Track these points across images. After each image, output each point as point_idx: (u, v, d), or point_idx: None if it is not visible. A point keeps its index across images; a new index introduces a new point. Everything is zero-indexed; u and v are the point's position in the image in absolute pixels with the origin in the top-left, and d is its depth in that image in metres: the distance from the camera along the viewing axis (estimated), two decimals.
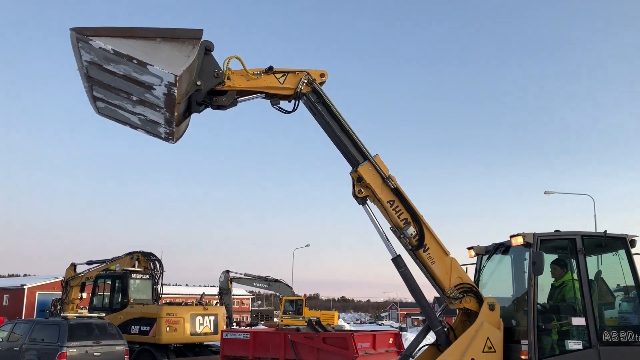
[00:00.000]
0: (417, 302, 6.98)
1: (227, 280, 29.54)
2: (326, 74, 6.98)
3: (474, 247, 8.29)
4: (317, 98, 6.89)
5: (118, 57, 5.34)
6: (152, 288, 18.88)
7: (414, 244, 6.90)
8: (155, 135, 6.83)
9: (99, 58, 5.46)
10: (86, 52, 5.44)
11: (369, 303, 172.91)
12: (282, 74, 6.79)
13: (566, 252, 7.40)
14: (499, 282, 8.08)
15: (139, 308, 17.11)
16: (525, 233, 7.03)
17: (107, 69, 5.61)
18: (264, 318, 49.92)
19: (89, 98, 6.38)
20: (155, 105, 6.07)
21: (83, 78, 5.96)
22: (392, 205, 6.93)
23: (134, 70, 5.51)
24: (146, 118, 6.46)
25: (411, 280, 6.91)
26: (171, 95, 5.69)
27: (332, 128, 6.95)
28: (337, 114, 6.91)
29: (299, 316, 32.36)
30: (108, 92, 6.15)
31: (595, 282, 7.23)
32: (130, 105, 6.27)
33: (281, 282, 31.55)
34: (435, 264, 6.91)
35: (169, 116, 6.19)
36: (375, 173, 6.93)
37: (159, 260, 19.68)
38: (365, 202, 7.09)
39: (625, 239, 7.33)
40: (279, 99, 6.91)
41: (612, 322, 7.22)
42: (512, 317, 7.55)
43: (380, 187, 6.92)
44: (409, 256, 7.06)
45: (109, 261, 19.91)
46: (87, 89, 6.17)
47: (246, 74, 6.62)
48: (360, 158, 6.97)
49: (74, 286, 20.91)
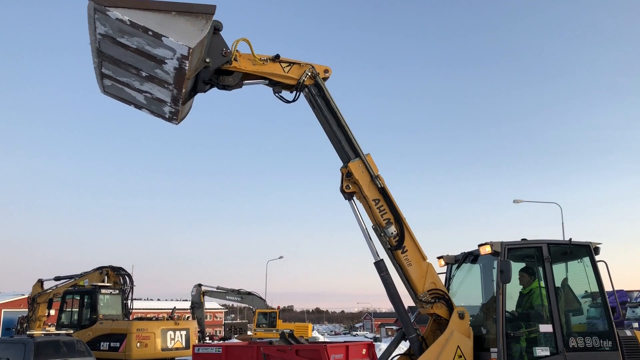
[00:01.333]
0: (395, 307, 7.02)
1: (199, 294, 29.30)
2: (330, 70, 7.14)
3: (444, 256, 8.38)
4: (318, 92, 7.03)
5: (133, 29, 5.43)
6: (122, 303, 18.60)
7: (393, 244, 6.96)
8: (159, 116, 6.92)
9: (113, 30, 5.55)
10: (101, 24, 5.52)
11: (344, 314, 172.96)
12: (287, 64, 6.93)
13: (533, 260, 7.53)
14: (468, 290, 8.18)
15: (108, 324, 16.83)
16: (493, 242, 7.13)
17: (120, 42, 5.70)
18: (237, 331, 49.41)
19: (96, 75, 6.44)
20: (164, 82, 6.17)
21: (94, 53, 6.02)
22: (377, 203, 7.00)
23: (147, 43, 5.61)
24: (152, 96, 6.55)
25: (391, 285, 6.94)
26: (182, 69, 5.80)
27: (329, 122, 7.07)
28: (336, 110, 7.04)
29: (273, 329, 32.19)
30: (117, 69, 6.23)
31: (561, 289, 7.37)
32: (138, 82, 6.36)
33: (254, 295, 31.41)
34: (411, 266, 6.97)
35: (177, 93, 6.28)
36: (365, 171, 7.03)
37: (128, 274, 19.43)
38: (351, 197, 7.17)
39: (589, 246, 7.50)
40: (282, 88, 7.05)
41: (578, 328, 7.36)
42: (481, 325, 7.64)
43: (367, 184, 7.01)
44: (389, 261, 7.10)
45: (78, 276, 19.57)
46: (96, 64, 6.23)
47: (253, 58, 6.73)
48: (352, 154, 7.08)
49: (41, 303, 20.47)
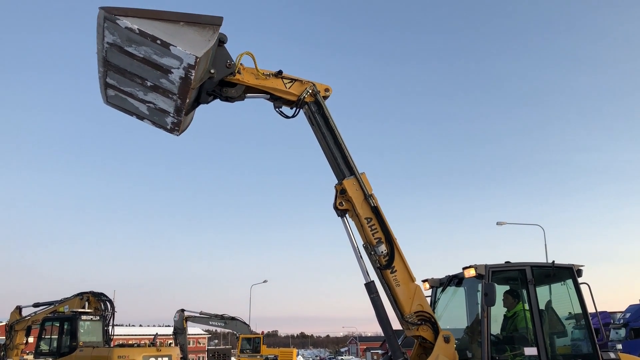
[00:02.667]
0: (383, 330, 6.98)
1: (182, 320, 28.90)
2: (330, 90, 7.30)
3: (429, 279, 8.39)
4: (317, 109, 7.14)
5: (142, 38, 5.56)
6: (103, 330, 18.29)
7: (383, 263, 6.96)
8: (161, 127, 6.99)
9: (121, 39, 5.66)
10: (110, 33, 5.62)
11: (329, 338, 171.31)
12: (289, 80, 7.07)
13: (517, 283, 7.57)
14: (453, 313, 8.17)
15: (88, 351, 16.51)
16: (477, 265, 7.17)
17: (127, 51, 5.80)
18: (221, 357, 48.62)
19: (100, 85, 6.52)
20: (169, 92, 6.26)
21: (100, 62, 6.11)
22: (369, 222, 7.03)
23: (154, 52, 5.72)
24: (155, 107, 6.63)
25: (381, 307, 6.91)
26: (187, 79, 5.90)
27: (326, 140, 7.16)
28: (334, 128, 7.14)
29: (257, 354, 31.81)
30: (122, 78, 6.32)
31: (545, 311, 7.40)
32: (142, 92, 6.45)
33: (238, 320, 31.05)
34: (399, 287, 6.96)
35: (180, 103, 6.37)
36: (359, 189, 7.07)
37: (110, 300, 19.14)
38: (344, 214, 7.20)
39: (572, 268, 7.57)
40: (282, 103, 7.19)
41: (563, 351, 7.39)
42: (467, 349, 7.62)
43: (361, 203, 7.04)
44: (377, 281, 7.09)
45: (58, 303, 19.22)
46: (101, 74, 6.31)
47: (256, 72, 6.85)
48: (347, 172, 7.14)
49: (19, 330, 20.02)
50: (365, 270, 6.99)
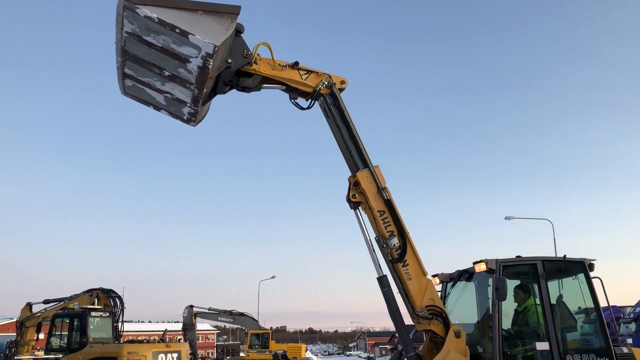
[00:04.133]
0: (395, 325, 6.95)
1: (191, 316, 29.02)
2: (346, 82, 7.29)
3: (439, 274, 8.34)
4: (333, 101, 7.13)
5: (161, 27, 5.56)
6: (112, 326, 18.35)
7: (395, 256, 6.93)
8: (178, 117, 7.03)
9: (140, 28, 5.67)
10: (129, 22, 5.63)
11: (337, 334, 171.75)
12: (306, 71, 7.06)
13: (528, 278, 7.51)
14: (464, 308, 8.12)
15: (98, 347, 16.57)
16: (488, 259, 7.11)
17: (145, 41, 5.81)
18: (229, 353, 48.73)
19: (118, 76, 6.53)
20: (186, 81, 6.27)
21: (118, 52, 6.12)
22: (382, 215, 7.00)
23: (173, 41, 5.74)
24: (173, 97, 6.65)
25: (392, 301, 6.89)
26: (205, 68, 5.92)
27: (341, 132, 7.15)
28: (349, 120, 7.13)
29: (266, 350, 31.91)
30: (140, 68, 6.33)
31: (557, 306, 7.34)
32: (160, 82, 6.47)
33: (246, 316, 31.13)
34: (411, 280, 6.92)
35: (197, 93, 6.39)
36: (373, 182, 7.04)
37: (119, 296, 19.22)
38: (357, 207, 7.18)
39: (584, 262, 7.49)
40: (298, 95, 7.19)
41: (574, 345, 7.32)
42: (478, 344, 7.58)
43: (374, 195, 7.01)
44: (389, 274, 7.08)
45: (68, 299, 19.33)
46: (119, 64, 6.32)
47: (272, 63, 6.85)
48: (361, 165, 7.11)
49: (30, 327, 20.16)
50: (378, 263, 6.97)
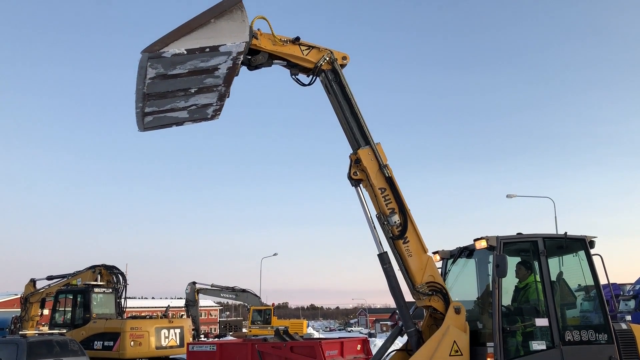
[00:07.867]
0: (395, 301, 7.01)
1: (194, 292, 29.22)
2: (348, 58, 7.20)
3: (439, 251, 8.35)
4: (334, 77, 7.07)
5: (189, 55, 5.57)
6: (115, 302, 18.46)
7: (396, 233, 6.94)
8: (202, 120, 7.08)
9: (165, 68, 5.64)
10: (153, 69, 5.60)
11: (338, 310, 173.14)
12: (307, 47, 6.98)
13: (529, 255, 7.51)
14: (464, 285, 8.15)
15: (102, 323, 16.73)
16: (489, 236, 7.11)
17: (171, 75, 5.80)
18: (232, 329, 49.37)
19: (137, 119, 6.52)
20: (213, 87, 6.31)
21: (139, 99, 6.09)
22: (383, 192, 7.00)
23: (201, 61, 5.75)
24: (197, 106, 6.68)
25: (393, 278, 6.93)
26: (235, 66, 6.01)
27: (342, 109, 7.09)
28: (351, 96, 7.07)
29: (268, 326, 32.17)
30: (162, 101, 6.32)
31: (557, 283, 7.36)
32: (184, 100, 6.48)
33: (249, 292, 31.34)
34: (412, 257, 6.95)
35: (225, 90, 6.46)
36: (374, 159, 7.03)
37: (122, 273, 19.31)
38: (358, 184, 7.19)
39: (584, 240, 7.49)
40: (299, 71, 7.11)
41: (573, 322, 7.36)
42: (477, 320, 7.62)
43: (375, 173, 7.01)
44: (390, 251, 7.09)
45: (71, 276, 19.43)
46: (139, 109, 6.31)
47: (273, 38, 6.76)
48: (363, 142, 7.08)
49: (34, 302, 20.31)
50: (379, 240, 6.97)
